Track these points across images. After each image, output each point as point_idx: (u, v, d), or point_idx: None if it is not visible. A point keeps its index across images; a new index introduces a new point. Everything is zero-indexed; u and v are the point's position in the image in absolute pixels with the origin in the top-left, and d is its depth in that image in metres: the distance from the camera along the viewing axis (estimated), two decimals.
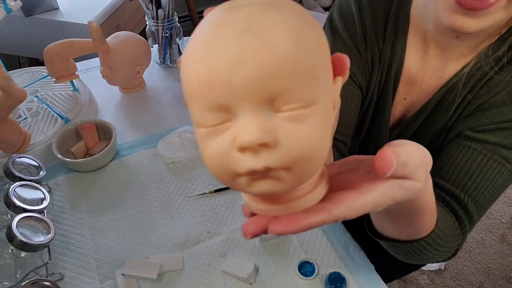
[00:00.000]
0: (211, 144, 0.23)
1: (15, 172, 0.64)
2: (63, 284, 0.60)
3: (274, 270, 0.61)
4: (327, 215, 0.25)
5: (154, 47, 1.00)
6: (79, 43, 0.78)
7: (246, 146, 0.22)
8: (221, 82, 0.21)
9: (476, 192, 0.51)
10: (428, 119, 0.62)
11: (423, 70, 0.60)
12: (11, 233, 0.52)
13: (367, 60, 0.62)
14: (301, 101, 0.22)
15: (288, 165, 0.22)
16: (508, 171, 0.51)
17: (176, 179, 0.75)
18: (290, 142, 0.22)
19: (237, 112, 0.22)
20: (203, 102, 0.23)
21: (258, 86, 0.21)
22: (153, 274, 0.59)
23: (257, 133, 0.21)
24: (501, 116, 0.52)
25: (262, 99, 0.22)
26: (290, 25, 0.22)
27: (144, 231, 0.67)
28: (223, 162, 0.23)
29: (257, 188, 0.24)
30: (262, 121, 0.22)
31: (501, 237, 1.54)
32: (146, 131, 0.85)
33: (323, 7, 2.59)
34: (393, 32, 0.60)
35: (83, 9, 1.39)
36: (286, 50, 0.21)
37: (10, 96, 0.65)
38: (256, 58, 0.21)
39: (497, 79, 0.53)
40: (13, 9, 0.76)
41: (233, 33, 0.21)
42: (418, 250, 0.44)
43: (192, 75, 0.23)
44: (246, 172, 0.23)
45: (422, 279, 1.42)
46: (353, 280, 0.59)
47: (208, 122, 0.23)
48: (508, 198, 1.66)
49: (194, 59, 0.23)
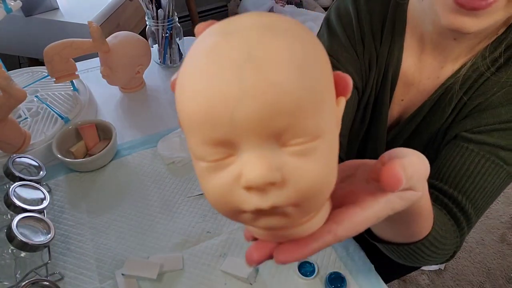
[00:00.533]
0: (213, 180, 0.22)
1: (15, 172, 0.64)
2: (63, 284, 0.60)
3: (274, 270, 0.61)
4: (331, 236, 0.25)
5: (154, 47, 1.00)
6: (79, 43, 0.78)
7: (252, 185, 0.20)
8: (222, 118, 0.20)
9: (474, 193, 0.51)
10: (425, 120, 0.62)
11: (420, 71, 0.60)
12: (11, 233, 0.52)
13: (364, 61, 0.62)
14: (307, 135, 0.21)
15: (296, 202, 0.21)
16: (506, 172, 0.51)
17: (176, 179, 0.75)
18: (299, 179, 0.21)
19: (241, 147, 0.20)
20: (203, 136, 0.21)
21: (261, 122, 0.19)
22: (153, 274, 0.59)
23: (263, 172, 0.20)
24: (497, 117, 0.52)
25: (266, 135, 0.20)
26: (291, 53, 0.20)
27: (144, 231, 0.67)
28: (226, 199, 0.22)
29: (263, 223, 0.23)
30: (268, 158, 0.20)
31: (500, 237, 1.54)
32: (146, 131, 0.85)
33: (323, 7, 2.58)
34: (390, 33, 0.60)
35: (83, 9, 1.39)
36: (288, 83, 0.19)
37: (10, 96, 0.65)
38: (257, 93, 0.19)
39: (493, 80, 0.53)
40: (13, 9, 0.76)
41: (231, 64, 0.19)
42: (415, 252, 0.44)
43: (189, 108, 0.21)
44: (252, 211, 0.21)
45: (422, 279, 1.43)
46: (353, 280, 0.59)
47: (209, 157, 0.21)
48: (508, 198, 1.66)
49: (190, 90, 0.21)
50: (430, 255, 0.45)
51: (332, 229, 0.25)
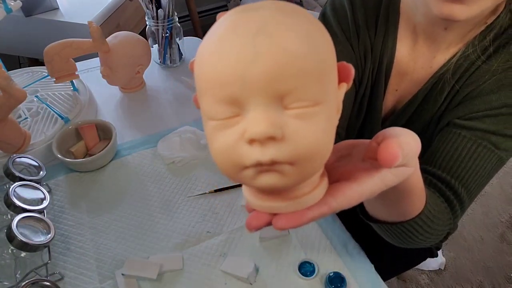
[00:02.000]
0: (220, 137, 0.24)
1: (15, 172, 0.64)
2: (63, 284, 0.60)
3: (274, 270, 0.61)
4: (326, 207, 0.27)
5: (154, 47, 1.00)
6: (79, 43, 0.78)
7: (255, 137, 0.22)
8: (235, 77, 0.22)
9: (466, 177, 0.53)
10: (419, 109, 0.63)
11: (414, 61, 0.62)
12: (11, 233, 0.52)
13: (359, 53, 0.64)
14: (308, 100, 0.23)
15: (293, 159, 0.23)
16: (497, 156, 0.53)
17: (176, 179, 0.75)
18: (297, 138, 0.23)
19: (247, 107, 0.23)
20: (216, 95, 0.24)
21: (269, 82, 0.22)
22: (153, 274, 0.59)
23: (266, 126, 0.22)
24: (488, 103, 0.53)
25: (273, 95, 0.22)
26: (301, 28, 0.23)
27: (144, 231, 0.67)
28: (230, 155, 0.24)
29: (262, 181, 0.24)
30: (271, 116, 0.23)
31: (500, 236, 1.54)
32: (146, 131, 0.85)
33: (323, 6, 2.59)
34: (384, 25, 0.62)
35: (83, 9, 1.39)
36: (297, 50, 0.22)
37: (10, 96, 0.65)
38: (268, 56, 0.22)
39: (484, 69, 0.55)
40: (13, 9, 0.76)
41: (247, 33, 0.22)
42: (409, 231, 0.46)
43: (206, 70, 0.24)
44: (252, 164, 0.23)
45: (422, 279, 1.43)
46: (353, 280, 0.59)
47: (219, 115, 0.24)
48: (508, 198, 1.66)
49: (208, 55, 0.24)
50: (423, 234, 0.46)
51: (327, 202, 0.27)
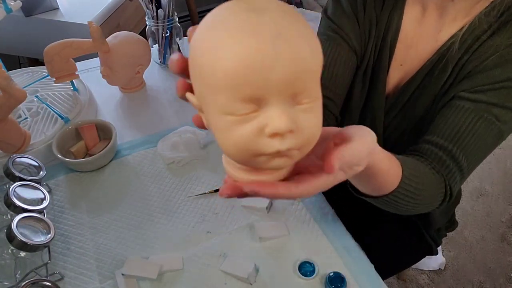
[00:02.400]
0: (239, 131, 0.27)
1: (15, 172, 0.64)
2: (63, 284, 0.60)
3: (274, 270, 0.61)
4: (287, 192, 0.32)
5: (154, 47, 1.00)
6: (79, 43, 0.78)
7: (278, 132, 0.26)
8: (259, 77, 0.25)
9: (467, 147, 0.54)
10: (423, 84, 0.64)
11: (420, 35, 0.63)
12: (11, 233, 0.52)
13: (364, 26, 0.65)
14: (312, 97, 0.28)
15: (301, 145, 0.28)
16: (498, 128, 0.54)
17: (176, 179, 0.75)
18: (305, 129, 0.28)
19: (266, 104, 0.26)
20: (238, 93, 0.26)
21: (289, 83, 0.26)
22: (153, 274, 0.59)
23: (287, 122, 0.26)
24: (492, 78, 0.55)
25: (289, 94, 0.27)
26: (305, 33, 0.27)
27: (144, 231, 0.67)
28: (249, 145, 0.27)
29: (274, 163, 0.29)
30: (288, 112, 0.27)
31: (501, 236, 1.54)
32: (146, 131, 0.85)
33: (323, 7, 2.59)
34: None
35: (83, 9, 1.39)
36: (308, 57, 0.26)
37: (10, 96, 0.65)
38: (289, 60, 0.25)
39: (488, 44, 0.56)
40: (13, 9, 0.76)
41: (267, 36, 0.25)
42: (394, 201, 0.48)
43: (226, 68, 0.25)
44: (272, 153, 0.27)
45: (422, 279, 1.42)
46: (353, 280, 0.59)
47: (239, 111, 0.27)
48: (508, 197, 1.66)
49: (228, 51, 0.25)
50: (408, 202, 0.50)
51: (291, 189, 0.32)
